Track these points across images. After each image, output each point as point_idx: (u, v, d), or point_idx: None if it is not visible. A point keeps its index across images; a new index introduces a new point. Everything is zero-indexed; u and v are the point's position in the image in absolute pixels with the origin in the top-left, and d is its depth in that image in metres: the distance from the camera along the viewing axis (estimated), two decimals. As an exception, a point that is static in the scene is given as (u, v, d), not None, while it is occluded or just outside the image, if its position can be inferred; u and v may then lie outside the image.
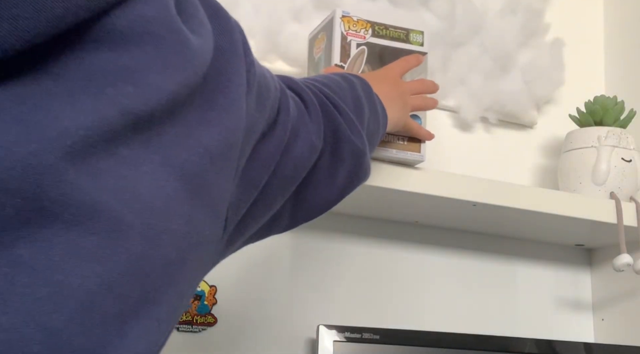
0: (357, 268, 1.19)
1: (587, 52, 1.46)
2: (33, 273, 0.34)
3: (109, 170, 0.37)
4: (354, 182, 0.69)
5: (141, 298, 0.40)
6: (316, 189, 0.63)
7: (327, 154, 0.63)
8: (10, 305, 0.33)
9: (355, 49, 0.98)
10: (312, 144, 0.60)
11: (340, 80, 0.72)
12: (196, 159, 0.43)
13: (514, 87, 1.31)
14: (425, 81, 0.97)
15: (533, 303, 1.31)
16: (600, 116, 1.25)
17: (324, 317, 1.11)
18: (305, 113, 0.60)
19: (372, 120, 0.74)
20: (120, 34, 0.38)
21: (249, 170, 0.51)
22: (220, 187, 0.46)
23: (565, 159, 1.26)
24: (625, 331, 1.28)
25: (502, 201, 1.08)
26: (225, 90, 0.46)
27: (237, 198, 0.50)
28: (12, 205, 0.33)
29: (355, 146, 0.66)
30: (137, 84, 0.39)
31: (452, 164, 1.23)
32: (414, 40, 1.02)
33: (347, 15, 0.99)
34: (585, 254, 1.37)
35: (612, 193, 1.20)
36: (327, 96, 0.65)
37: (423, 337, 1.07)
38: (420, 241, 1.24)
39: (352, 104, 0.69)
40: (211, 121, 0.44)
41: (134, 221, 0.38)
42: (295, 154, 0.57)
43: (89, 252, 0.36)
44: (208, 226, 0.45)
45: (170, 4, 0.42)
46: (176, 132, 0.42)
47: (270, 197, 0.56)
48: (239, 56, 0.48)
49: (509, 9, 1.32)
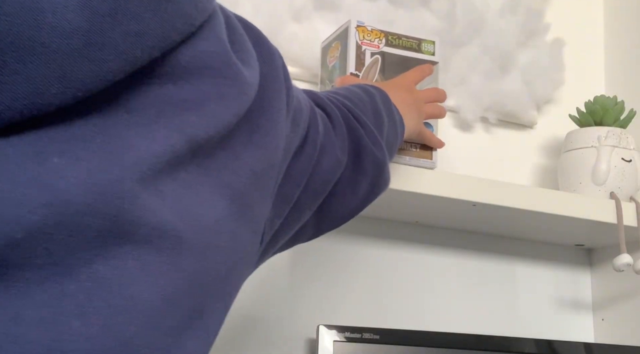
0: (357, 268, 1.19)
1: (587, 52, 1.46)
2: (109, 288, 0.37)
3: (171, 192, 0.40)
4: (375, 191, 0.71)
5: (195, 310, 0.43)
6: (339, 200, 0.66)
7: (350, 165, 0.66)
8: (91, 316, 0.36)
9: (370, 58, 1.02)
10: (338, 158, 0.62)
11: (360, 93, 0.74)
12: (243, 180, 0.46)
13: (514, 87, 1.31)
14: (438, 90, 1.01)
15: (533, 303, 1.31)
16: (600, 116, 1.25)
17: (324, 317, 1.11)
18: (330, 128, 0.63)
19: (391, 130, 0.76)
20: (184, 69, 0.41)
21: (283, 187, 0.54)
22: (262, 205, 0.49)
23: (565, 159, 1.26)
24: (625, 331, 1.28)
25: (502, 201, 1.08)
26: (267, 113, 0.49)
27: (272, 214, 0.53)
28: (95, 227, 0.36)
29: (376, 157, 0.68)
30: (199, 114, 0.42)
31: (452, 164, 1.23)
32: (426, 49, 1.06)
33: (361, 25, 1.03)
34: (585, 254, 1.37)
35: (612, 193, 1.20)
36: (350, 109, 0.68)
37: (423, 337, 1.07)
38: (420, 241, 1.24)
39: (372, 116, 0.72)
40: (256, 143, 0.47)
41: (192, 239, 0.41)
42: (323, 169, 0.60)
43: (155, 269, 0.39)
44: (250, 241, 0.49)
45: (224, 38, 0.45)
46: (226, 155, 0.45)
47: (300, 211, 0.59)
48: (280, 81, 0.51)
49: (509, 9, 1.32)
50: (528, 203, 1.10)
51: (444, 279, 1.25)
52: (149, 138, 0.39)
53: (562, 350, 1.16)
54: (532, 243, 1.33)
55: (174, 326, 0.41)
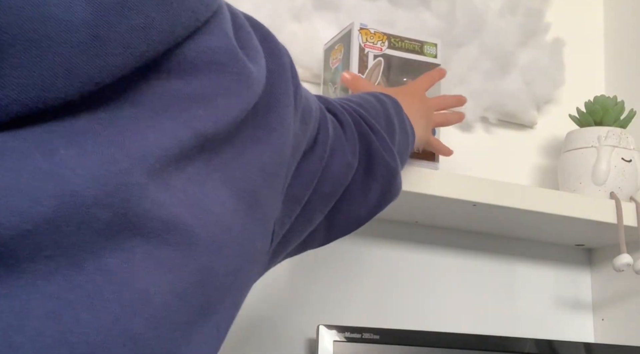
0: (357, 268, 1.19)
1: (587, 52, 1.46)
2: (118, 281, 0.37)
3: (179, 187, 0.40)
4: (386, 199, 0.71)
5: (204, 306, 0.42)
6: (350, 206, 0.65)
7: (361, 172, 0.66)
8: (101, 310, 0.36)
9: (373, 61, 1.02)
10: (349, 162, 0.62)
11: (373, 101, 0.74)
12: (252, 176, 0.46)
13: (514, 87, 1.31)
14: (447, 98, 1.01)
15: (533, 303, 1.31)
16: (600, 116, 1.25)
17: (324, 317, 1.11)
18: (341, 132, 0.63)
19: (402, 139, 0.76)
20: (190, 64, 0.42)
21: (293, 187, 0.54)
22: (271, 202, 0.49)
23: (565, 159, 1.26)
24: (625, 331, 1.28)
25: (502, 201, 1.08)
26: (275, 109, 0.49)
27: (282, 214, 0.53)
28: (104, 219, 0.36)
29: (388, 165, 0.68)
30: (206, 108, 0.42)
31: (452, 164, 1.23)
32: (428, 52, 1.06)
33: (364, 27, 1.03)
34: (585, 254, 1.37)
35: (612, 193, 1.20)
36: (362, 116, 0.68)
37: (423, 337, 1.07)
38: (420, 241, 1.24)
39: (384, 124, 0.72)
40: (263, 139, 0.47)
41: (201, 234, 0.41)
42: (333, 172, 0.60)
43: (164, 263, 0.39)
44: (259, 239, 0.48)
45: (231, 34, 0.45)
46: (233, 151, 0.45)
47: (310, 213, 0.59)
48: (287, 78, 0.51)
49: (509, 9, 1.32)
50: (528, 203, 1.10)
51: (444, 279, 1.25)
52: (157, 131, 0.39)
53: (562, 350, 1.16)
54: (532, 243, 1.33)
55: (183, 322, 0.41)
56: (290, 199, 0.54)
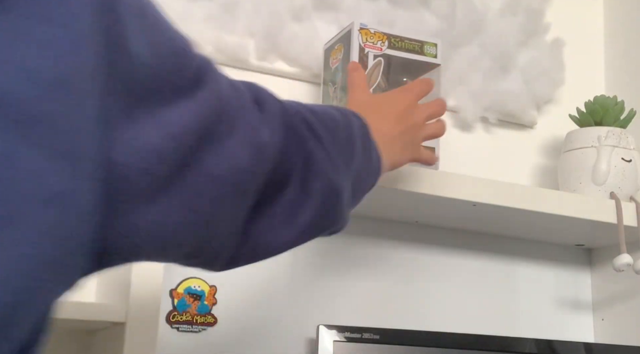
0: (357, 268, 1.19)
1: (587, 52, 1.46)
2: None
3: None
4: (320, 225, 0.60)
5: None
6: (271, 223, 0.55)
7: (295, 185, 0.56)
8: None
9: (373, 61, 1.02)
10: (257, 147, 0.51)
11: (336, 114, 0.65)
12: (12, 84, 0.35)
13: (514, 87, 1.31)
14: (430, 107, 0.87)
15: (533, 303, 1.31)
16: (600, 116, 1.25)
17: (324, 317, 1.11)
18: (252, 110, 0.52)
19: (363, 166, 0.66)
20: None
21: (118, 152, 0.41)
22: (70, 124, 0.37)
23: (565, 159, 1.26)
24: (625, 331, 1.28)
25: (502, 201, 1.08)
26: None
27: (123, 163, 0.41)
28: None
29: (331, 183, 0.58)
30: None
31: (452, 164, 1.23)
32: (428, 52, 1.06)
33: (364, 27, 1.03)
34: (585, 254, 1.37)
35: (612, 193, 1.20)
36: (307, 120, 0.58)
37: (423, 337, 1.07)
38: (420, 241, 1.24)
39: (342, 140, 0.62)
40: (26, 33, 0.36)
41: None
42: (229, 152, 0.48)
43: None
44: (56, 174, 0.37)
45: None
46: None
47: (195, 199, 0.46)
48: None
49: (509, 9, 1.32)
50: (528, 203, 1.10)
51: (444, 279, 1.25)
52: None
53: (562, 350, 1.16)
54: (532, 243, 1.33)
55: None
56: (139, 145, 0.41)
